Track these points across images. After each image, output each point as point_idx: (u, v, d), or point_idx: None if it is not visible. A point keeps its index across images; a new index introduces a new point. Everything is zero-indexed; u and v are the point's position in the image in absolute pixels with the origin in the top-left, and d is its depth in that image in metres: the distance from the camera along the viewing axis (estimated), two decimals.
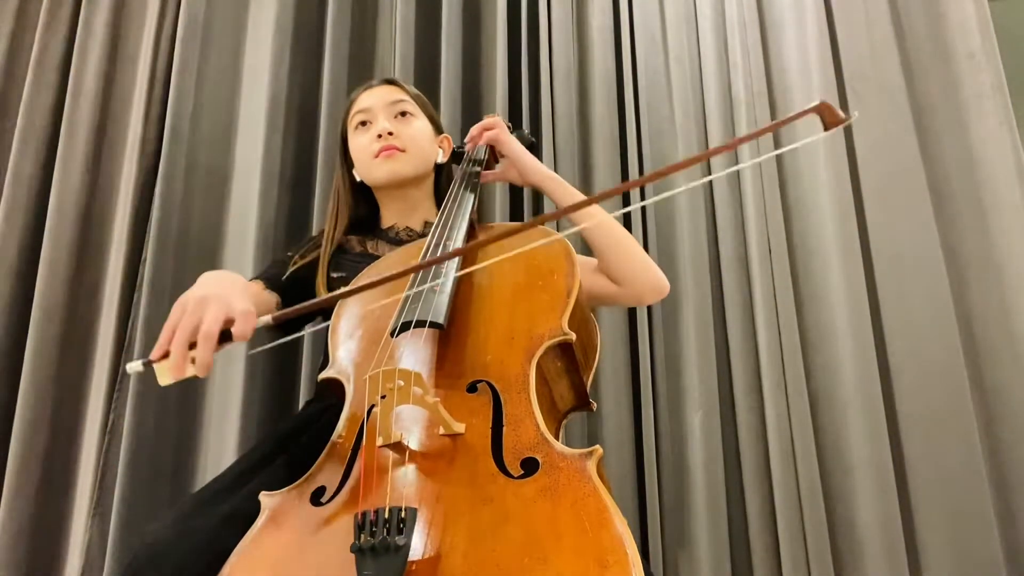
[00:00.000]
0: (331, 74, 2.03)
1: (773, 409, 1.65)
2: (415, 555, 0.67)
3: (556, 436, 0.88)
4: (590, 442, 1.70)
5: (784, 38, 1.93)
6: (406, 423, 0.83)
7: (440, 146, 1.43)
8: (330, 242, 1.34)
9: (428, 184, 1.42)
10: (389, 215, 1.40)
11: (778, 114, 1.89)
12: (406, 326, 0.94)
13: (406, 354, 0.95)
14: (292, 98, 2.06)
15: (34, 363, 1.88)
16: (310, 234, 1.84)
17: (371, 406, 0.85)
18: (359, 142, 1.37)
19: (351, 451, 0.85)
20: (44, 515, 1.81)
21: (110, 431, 1.82)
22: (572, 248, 1.12)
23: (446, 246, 1.09)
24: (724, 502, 1.64)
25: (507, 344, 0.93)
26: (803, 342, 1.72)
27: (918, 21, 1.91)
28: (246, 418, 1.78)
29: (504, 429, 0.81)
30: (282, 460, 1.06)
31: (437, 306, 0.95)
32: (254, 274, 1.48)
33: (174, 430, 1.83)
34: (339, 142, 1.44)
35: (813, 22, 1.90)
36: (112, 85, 2.15)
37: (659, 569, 1.60)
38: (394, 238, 1.37)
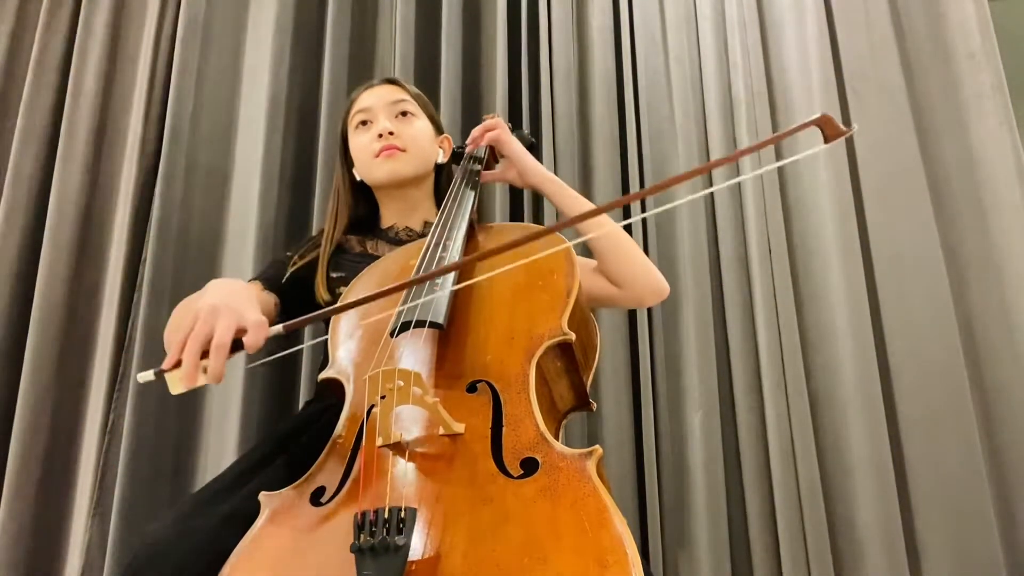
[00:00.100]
0: (331, 74, 2.03)
1: (773, 409, 1.65)
2: (415, 555, 0.67)
3: (556, 436, 0.88)
4: (590, 442, 1.70)
5: (784, 38, 1.93)
6: (406, 423, 0.83)
7: (440, 146, 1.43)
8: (330, 242, 1.34)
9: (428, 184, 1.42)
10: (389, 215, 1.40)
11: (778, 114, 1.89)
12: (406, 326, 0.94)
13: (406, 354, 0.95)
14: (292, 98, 2.06)
15: (34, 363, 1.88)
16: (310, 234, 1.84)
17: (371, 406, 0.85)
18: (359, 141, 1.37)
19: (351, 451, 0.85)
20: (44, 515, 1.81)
21: (110, 431, 1.82)
22: (572, 248, 1.12)
23: (446, 246, 1.09)
24: (724, 502, 1.64)
25: (507, 344, 0.93)
26: (803, 342, 1.72)
27: (918, 21, 1.91)
28: (246, 418, 1.78)
29: (504, 429, 0.81)
30: (282, 460, 1.06)
31: (437, 306, 0.95)
32: (253, 275, 1.48)
33: (174, 430, 1.84)
34: (339, 141, 1.44)
35: (813, 22, 1.90)
36: (112, 85, 2.15)
37: (659, 569, 1.60)
38: (394, 238, 1.37)
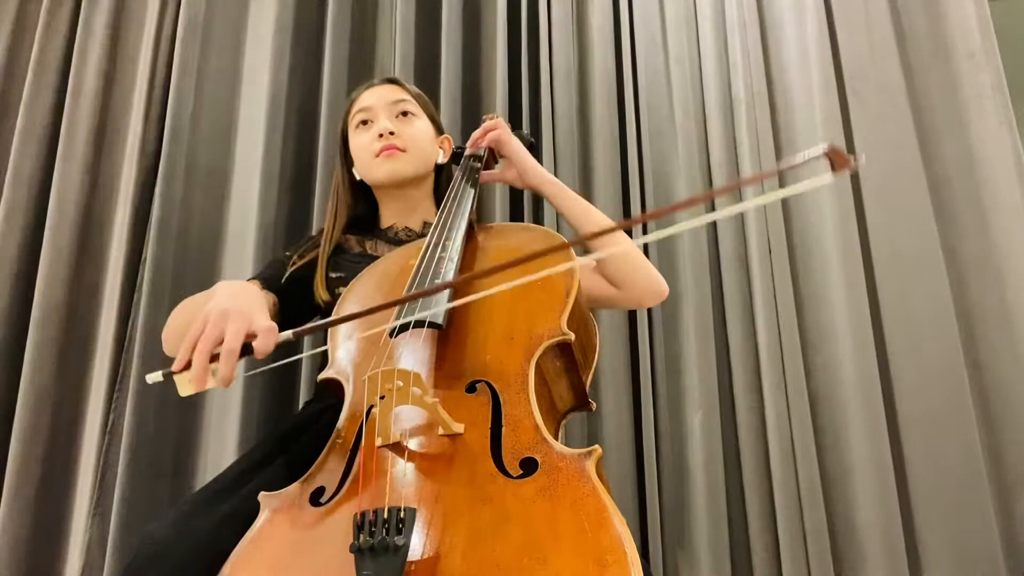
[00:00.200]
0: (331, 74, 2.03)
1: (773, 409, 1.65)
2: (414, 555, 0.67)
3: (555, 436, 0.88)
4: (590, 442, 1.70)
5: (784, 38, 1.93)
6: (405, 423, 0.83)
7: (441, 147, 1.43)
8: (329, 241, 1.34)
9: (428, 184, 1.42)
10: (388, 215, 1.40)
11: (778, 114, 1.89)
12: (405, 327, 0.94)
13: (405, 354, 0.95)
14: (292, 98, 2.06)
15: (34, 363, 1.88)
16: (310, 234, 1.84)
17: (370, 406, 0.85)
18: (360, 141, 1.37)
19: (350, 451, 0.85)
20: (44, 515, 1.81)
21: (110, 431, 1.82)
22: (571, 248, 1.12)
23: (445, 246, 1.09)
24: (724, 502, 1.64)
25: (506, 344, 0.93)
26: (803, 342, 1.72)
27: (918, 21, 1.91)
28: (246, 418, 1.78)
29: (503, 429, 0.81)
30: (282, 460, 1.06)
31: (438, 299, 0.95)
32: (252, 274, 1.48)
33: (174, 430, 1.83)
34: (339, 140, 1.43)
35: (813, 22, 1.90)
36: (112, 85, 2.15)
37: (659, 569, 1.60)
38: (393, 238, 1.37)
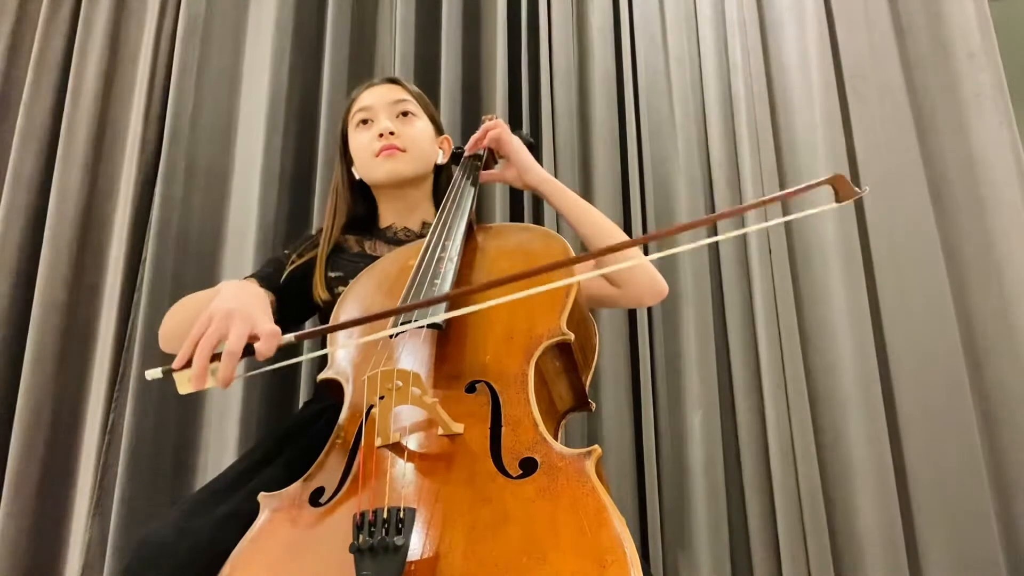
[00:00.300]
0: (331, 74, 2.03)
1: (773, 409, 1.65)
2: (414, 555, 0.67)
3: (555, 436, 0.88)
4: (590, 442, 1.70)
5: (784, 38, 1.93)
6: (405, 424, 0.83)
7: (440, 147, 1.43)
8: (328, 240, 1.33)
9: (427, 185, 1.42)
10: (387, 215, 1.40)
11: (778, 114, 1.89)
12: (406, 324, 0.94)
13: (405, 355, 0.95)
14: (292, 98, 2.06)
15: (34, 363, 1.88)
16: (309, 232, 1.83)
17: (370, 407, 0.85)
18: (360, 140, 1.36)
19: (350, 451, 0.85)
20: (44, 515, 1.81)
21: (110, 431, 1.82)
22: (570, 248, 1.13)
23: (445, 247, 1.09)
24: (724, 502, 1.64)
25: (506, 344, 0.93)
26: (803, 342, 1.72)
27: (918, 20, 1.91)
28: (246, 418, 1.78)
29: (503, 429, 0.81)
30: (281, 460, 1.06)
31: (436, 307, 0.95)
32: (250, 273, 1.47)
33: (174, 430, 1.83)
34: (339, 139, 1.43)
35: (813, 22, 1.90)
36: (112, 85, 2.15)
37: (659, 569, 1.59)
38: (392, 238, 1.37)
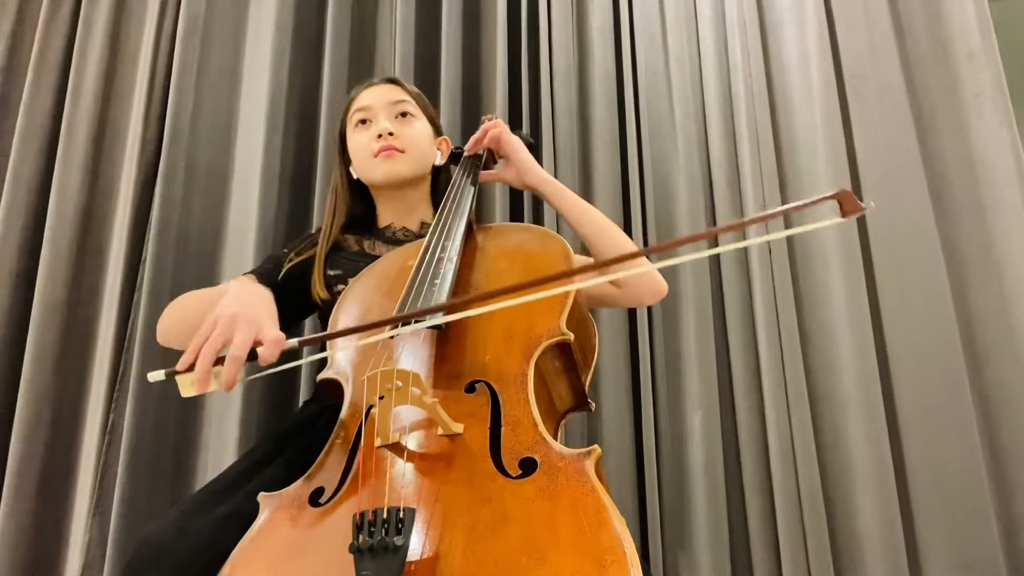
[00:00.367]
0: (331, 74, 2.03)
1: (773, 409, 1.65)
2: (414, 555, 0.67)
3: (555, 436, 0.88)
4: (590, 442, 1.70)
5: (784, 38, 1.93)
6: (404, 424, 0.83)
7: (439, 148, 1.43)
8: (327, 239, 1.33)
9: (425, 185, 1.42)
10: (386, 215, 1.40)
11: (778, 114, 1.89)
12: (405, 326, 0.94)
13: (404, 355, 0.95)
14: (292, 98, 2.06)
15: (34, 363, 1.88)
16: (309, 232, 1.83)
17: (370, 407, 0.85)
18: (358, 140, 1.36)
19: (350, 452, 0.85)
20: (44, 515, 1.81)
21: (110, 431, 1.82)
22: (570, 248, 1.13)
23: (444, 247, 1.09)
24: (724, 502, 1.63)
25: (505, 344, 0.93)
26: (803, 342, 1.72)
27: (918, 21, 1.90)
28: (246, 418, 1.78)
29: (502, 429, 0.81)
30: (281, 460, 1.06)
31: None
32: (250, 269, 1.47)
33: (174, 430, 1.83)
34: (337, 139, 1.43)
35: (813, 22, 1.89)
36: (112, 85, 2.15)
37: (659, 569, 1.59)
38: (391, 238, 1.37)
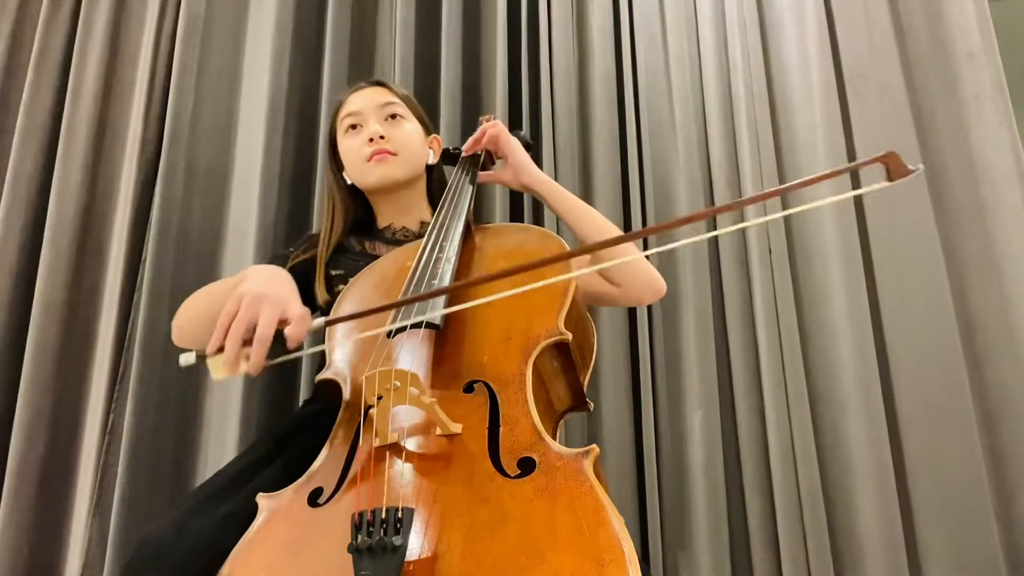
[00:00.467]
0: (331, 74, 2.03)
1: (773, 409, 1.65)
2: (412, 555, 0.67)
3: (553, 436, 0.88)
4: (590, 442, 1.67)
5: (784, 38, 1.93)
6: (403, 424, 0.83)
7: (430, 147, 1.42)
8: (327, 246, 1.32)
9: (420, 185, 1.41)
10: (384, 216, 1.40)
11: (778, 114, 1.89)
12: (403, 327, 0.94)
13: (403, 355, 0.95)
14: (292, 98, 2.06)
15: (34, 363, 1.88)
16: (310, 232, 1.83)
17: (368, 407, 0.85)
18: (349, 145, 1.35)
19: (348, 452, 0.85)
20: (44, 515, 1.81)
21: (110, 431, 1.82)
22: (568, 248, 1.13)
23: (442, 247, 1.09)
24: (724, 502, 1.64)
25: (503, 344, 0.93)
26: (803, 342, 1.72)
27: (918, 21, 1.90)
28: (246, 418, 1.78)
29: (501, 429, 0.81)
30: (280, 460, 1.06)
31: (434, 307, 0.95)
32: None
33: (174, 430, 1.84)
34: (327, 144, 1.42)
35: (813, 22, 1.90)
36: (112, 85, 2.15)
37: (659, 569, 1.59)
38: (391, 238, 1.37)
